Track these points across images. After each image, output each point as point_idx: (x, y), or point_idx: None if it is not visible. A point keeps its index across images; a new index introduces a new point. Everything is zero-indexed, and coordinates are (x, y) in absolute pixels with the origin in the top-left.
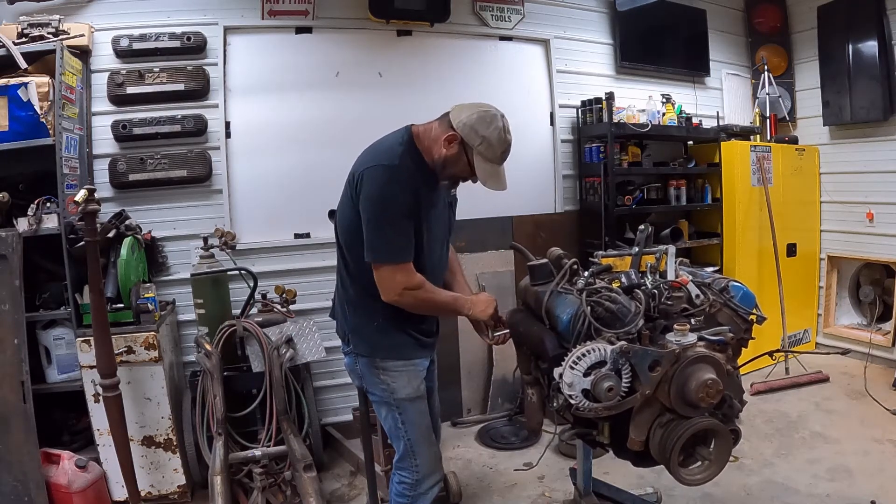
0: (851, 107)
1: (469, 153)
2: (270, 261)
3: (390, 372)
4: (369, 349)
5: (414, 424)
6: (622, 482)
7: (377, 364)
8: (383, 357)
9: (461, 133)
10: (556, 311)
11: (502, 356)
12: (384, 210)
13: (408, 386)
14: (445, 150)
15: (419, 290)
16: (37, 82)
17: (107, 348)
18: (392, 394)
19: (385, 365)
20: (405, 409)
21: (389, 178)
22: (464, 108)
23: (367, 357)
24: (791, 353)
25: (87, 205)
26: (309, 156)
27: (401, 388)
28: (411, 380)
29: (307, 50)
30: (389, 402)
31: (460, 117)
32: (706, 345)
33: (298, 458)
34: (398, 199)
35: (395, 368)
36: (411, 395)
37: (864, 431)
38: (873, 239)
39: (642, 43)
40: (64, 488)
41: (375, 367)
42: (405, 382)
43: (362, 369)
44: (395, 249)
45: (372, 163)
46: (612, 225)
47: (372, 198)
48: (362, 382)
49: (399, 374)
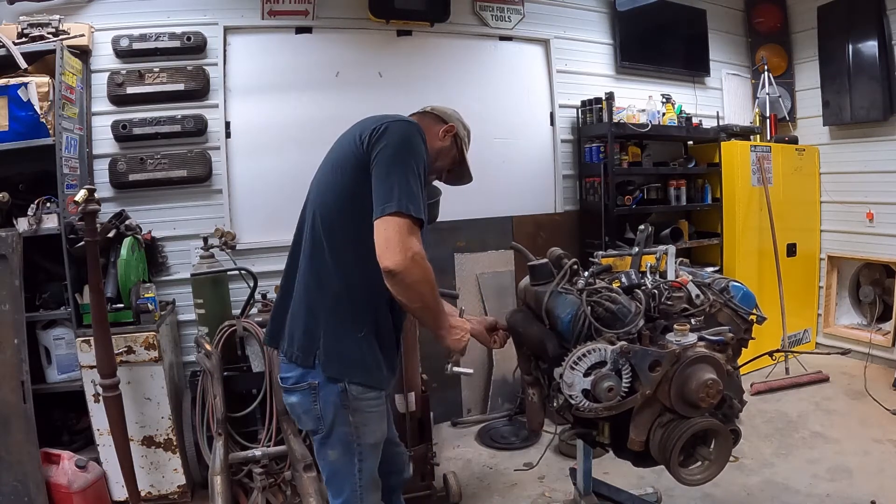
0: (851, 107)
1: (460, 144)
2: (270, 261)
3: (363, 413)
4: (341, 369)
5: (370, 471)
6: (622, 482)
7: (347, 402)
8: (359, 381)
9: (456, 126)
10: (556, 312)
11: (502, 356)
12: (412, 158)
13: (377, 430)
14: (441, 141)
15: (428, 269)
16: (37, 82)
17: (107, 348)
18: (358, 438)
19: (358, 405)
20: (367, 456)
21: (418, 133)
22: (437, 106)
23: (336, 385)
24: (791, 353)
25: (87, 205)
26: (309, 156)
27: (370, 433)
28: (380, 422)
29: (307, 50)
30: (351, 446)
31: (447, 111)
32: (706, 345)
33: (298, 458)
34: (424, 155)
35: (368, 409)
36: (378, 440)
37: (864, 431)
38: (873, 239)
39: (642, 43)
40: (64, 488)
41: (345, 407)
42: (375, 427)
43: (325, 407)
44: (416, 203)
45: (396, 119)
46: (612, 225)
47: (401, 143)
48: (319, 424)
49: (371, 415)
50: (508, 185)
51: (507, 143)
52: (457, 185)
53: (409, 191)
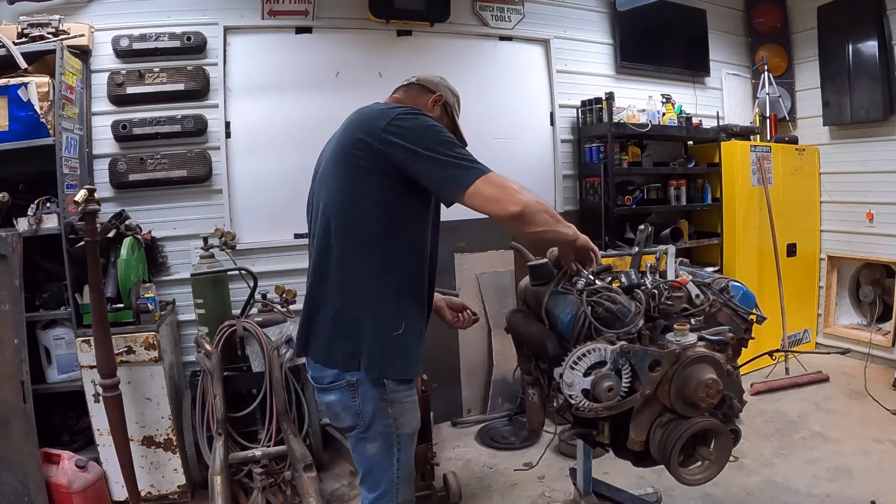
0: (851, 107)
1: (451, 112)
2: (270, 261)
3: (400, 404)
4: (384, 369)
5: (407, 462)
6: (622, 482)
7: (386, 396)
8: (397, 377)
9: (443, 94)
10: (556, 312)
11: (502, 356)
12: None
13: (413, 420)
14: (430, 112)
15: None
16: (37, 82)
17: (107, 348)
18: (397, 429)
19: (395, 397)
20: (405, 446)
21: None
22: (421, 75)
23: (374, 384)
24: (791, 353)
25: (87, 205)
26: (309, 156)
27: (407, 423)
28: (414, 411)
29: (307, 50)
30: (391, 438)
31: (433, 80)
32: (706, 345)
33: (298, 458)
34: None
35: (405, 400)
36: (414, 430)
37: (864, 431)
38: (873, 239)
39: (642, 43)
40: (64, 488)
41: (384, 400)
42: (411, 416)
43: (364, 403)
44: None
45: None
46: (612, 225)
47: (425, 126)
48: (358, 420)
49: (406, 405)
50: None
51: (507, 143)
52: None
53: (464, 157)
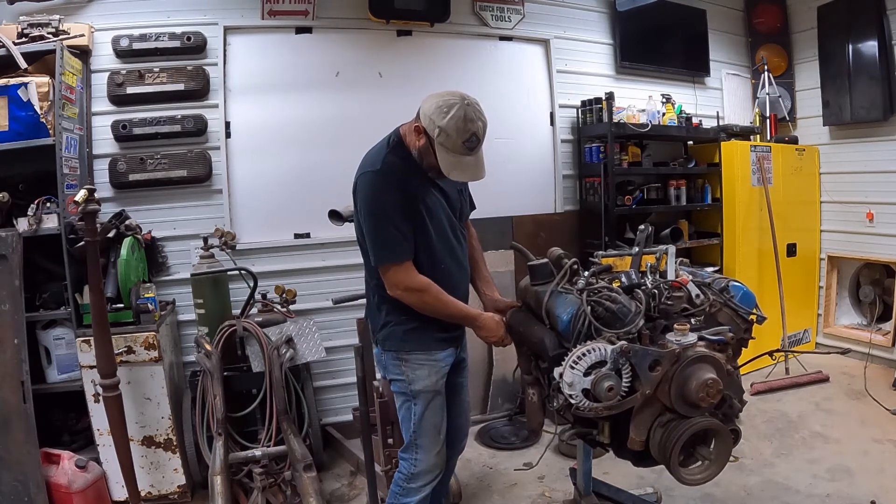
0: (851, 107)
1: (433, 144)
2: (270, 261)
3: (411, 363)
4: (396, 344)
5: (423, 418)
6: (622, 482)
7: (401, 356)
8: (408, 350)
9: (424, 124)
10: (556, 311)
11: (502, 356)
12: (377, 213)
13: (426, 378)
14: (416, 141)
15: (424, 293)
16: (37, 82)
17: (107, 348)
18: (410, 384)
19: (408, 357)
20: (419, 401)
21: (376, 182)
22: (431, 98)
23: (394, 351)
24: (791, 353)
25: (87, 205)
26: (309, 156)
27: (418, 380)
28: (430, 373)
29: (307, 50)
30: (406, 393)
31: (424, 107)
32: (706, 345)
33: (298, 458)
34: (389, 201)
35: (416, 361)
36: (427, 388)
37: (864, 431)
38: (873, 239)
39: (642, 43)
40: (64, 488)
41: (398, 359)
42: (424, 375)
43: (386, 360)
44: (391, 249)
45: (361, 171)
46: (612, 225)
47: (365, 203)
48: (385, 373)
49: (420, 366)
50: (508, 184)
51: (507, 143)
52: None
53: (381, 242)
